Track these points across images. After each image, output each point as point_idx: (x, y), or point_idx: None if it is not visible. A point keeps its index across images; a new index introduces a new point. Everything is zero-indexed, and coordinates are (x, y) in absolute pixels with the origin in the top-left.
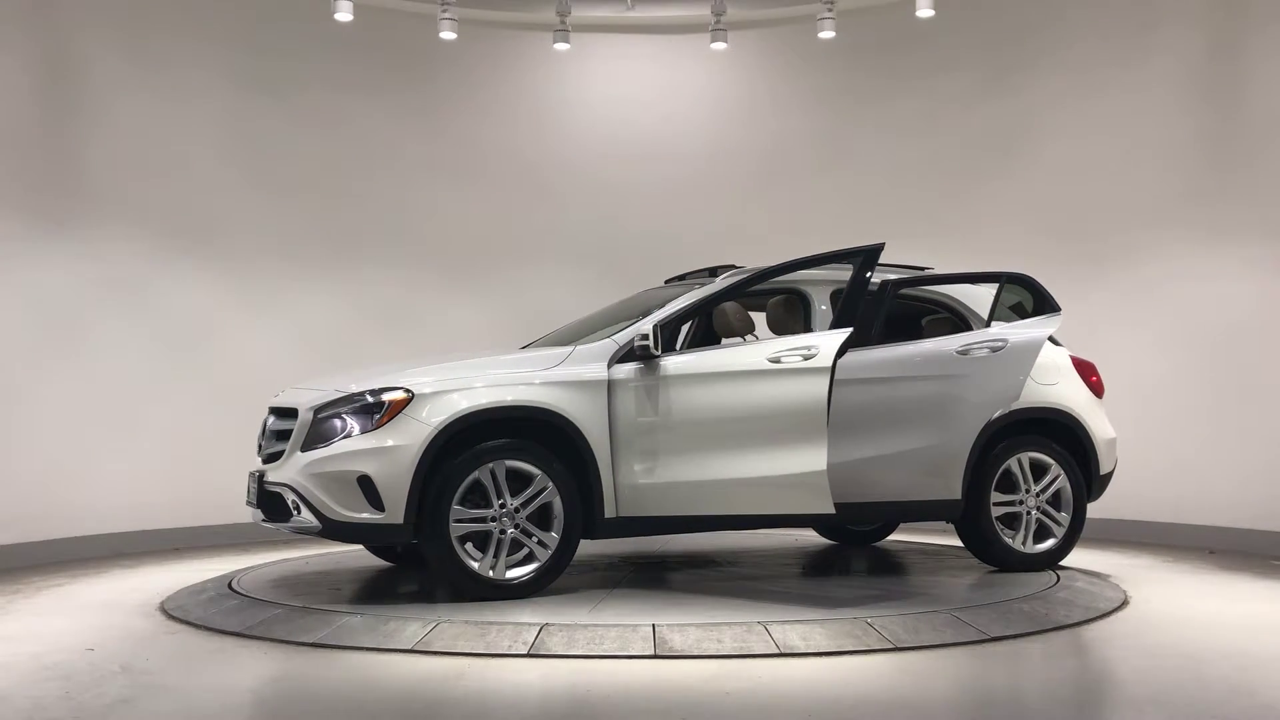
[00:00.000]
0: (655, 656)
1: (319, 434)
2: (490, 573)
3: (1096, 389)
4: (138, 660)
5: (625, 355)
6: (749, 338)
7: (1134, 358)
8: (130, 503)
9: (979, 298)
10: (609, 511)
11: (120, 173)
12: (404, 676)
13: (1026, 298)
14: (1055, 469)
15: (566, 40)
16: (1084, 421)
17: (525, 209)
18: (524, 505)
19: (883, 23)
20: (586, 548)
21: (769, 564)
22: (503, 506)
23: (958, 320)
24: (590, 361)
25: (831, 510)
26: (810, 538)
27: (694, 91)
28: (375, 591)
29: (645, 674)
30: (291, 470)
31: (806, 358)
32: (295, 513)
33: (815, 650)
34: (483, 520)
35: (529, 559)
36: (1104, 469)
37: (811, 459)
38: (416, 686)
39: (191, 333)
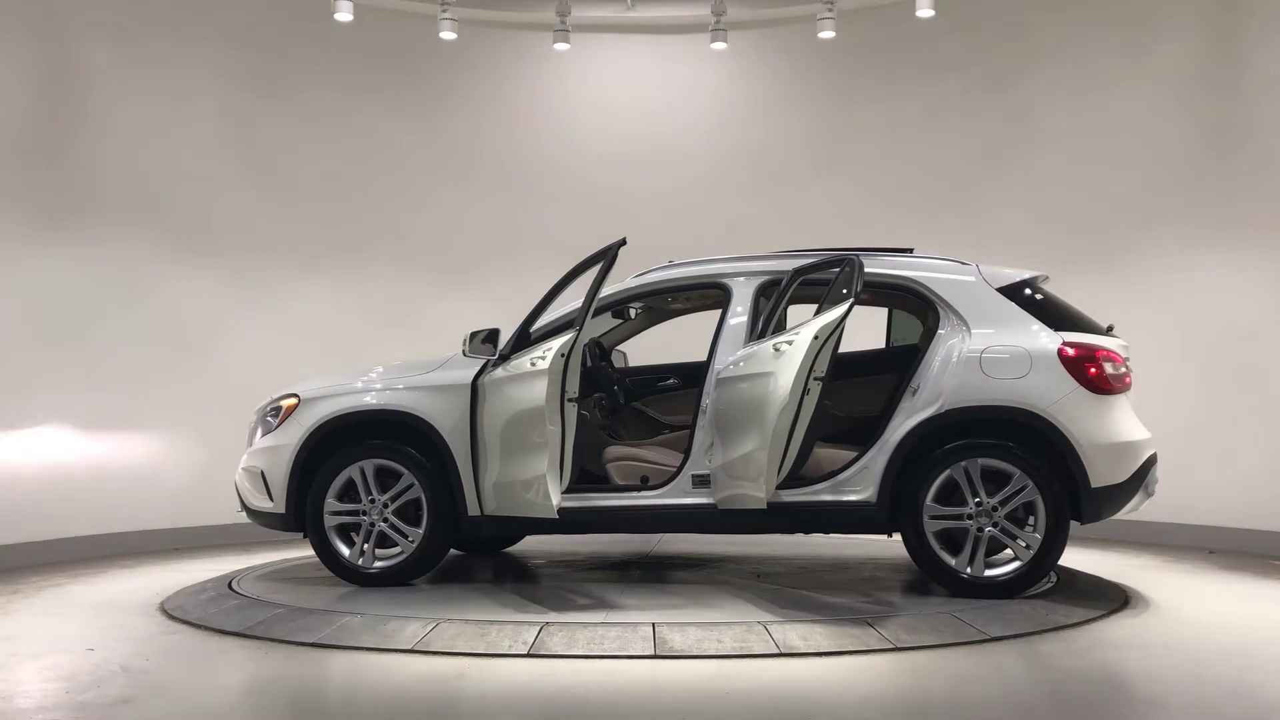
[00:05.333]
0: (655, 656)
1: (256, 433)
2: (359, 561)
3: (1097, 383)
4: (138, 660)
5: (498, 360)
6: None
7: (1134, 358)
8: (130, 503)
9: (953, 281)
10: (472, 510)
11: (120, 173)
12: (404, 676)
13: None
14: (1020, 479)
15: (566, 40)
16: (1059, 422)
17: (525, 208)
18: (393, 501)
19: (883, 23)
20: (587, 547)
21: (770, 564)
22: (372, 502)
23: (924, 305)
24: (464, 367)
25: (554, 515)
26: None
27: (694, 91)
28: (375, 591)
29: (645, 674)
30: (239, 464)
31: (544, 360)
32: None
33: (815, 650)
34: (354, 513)
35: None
36: (1100, 481)
37: (535, 463)
38: (416, 686)
39: (191, 332)
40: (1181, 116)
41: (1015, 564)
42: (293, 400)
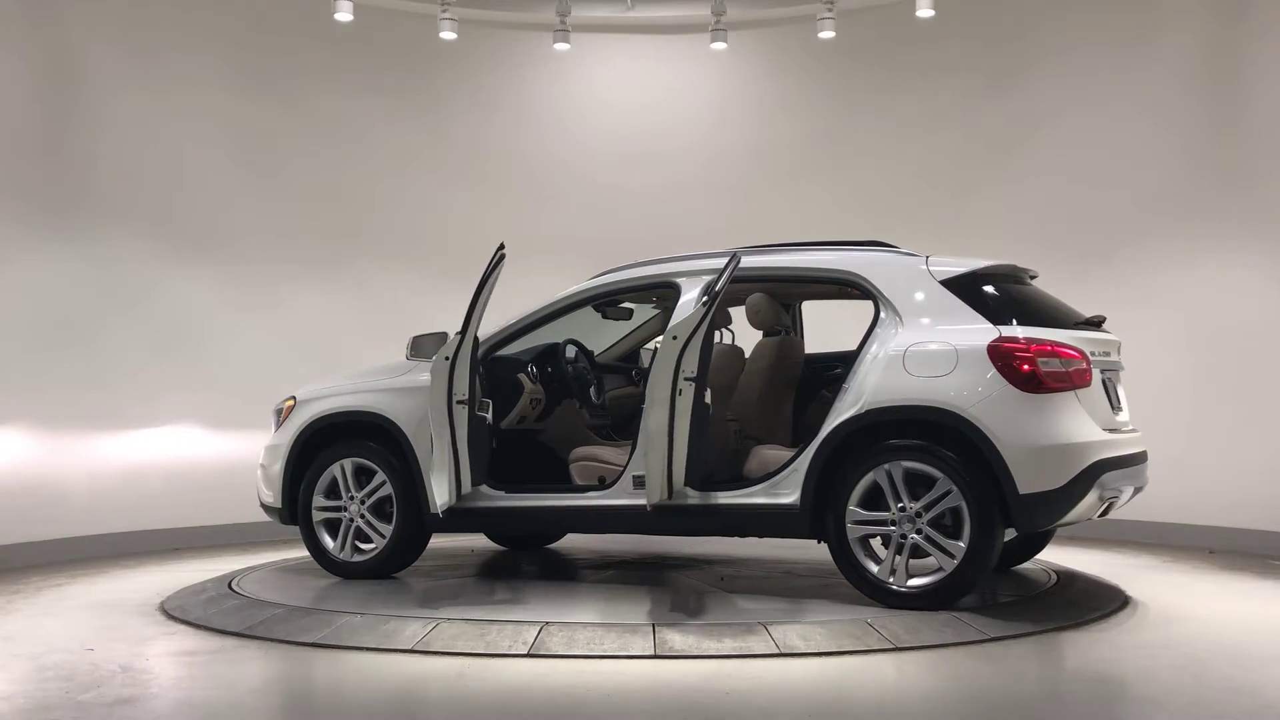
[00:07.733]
0: (655, 656)
1: (271, 430)
2: (340, 555)
3: (1032, 381)
4: (138, 660)
5: None
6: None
7: (1133, 358)
8: (130, 503)
9: (892, 272)
10: (433, 507)
11: (121, 173)
12: (404, 676)
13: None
14: (944, 484)
15: (566, 40)
16: (980, 423)
17: (525, 208)
18: (369, 498)
19: (883, 23)
20: (587, 547)
21: (769, 565)
22: (351, 499)
23: (868, 298)
24: (429, 369)
25: (437, 512)
26: None
27: (694, 91)
28: (376, 591)
29: (645, 674)
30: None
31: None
32: None
33: (815, 650)
34: (337, 509)
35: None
36: (1029, 487)
37: (436, 459)
38: (416, 686)
39: (191, 332)
40: (1181, 116)
41: (938, 574)
42: (291, 401)
